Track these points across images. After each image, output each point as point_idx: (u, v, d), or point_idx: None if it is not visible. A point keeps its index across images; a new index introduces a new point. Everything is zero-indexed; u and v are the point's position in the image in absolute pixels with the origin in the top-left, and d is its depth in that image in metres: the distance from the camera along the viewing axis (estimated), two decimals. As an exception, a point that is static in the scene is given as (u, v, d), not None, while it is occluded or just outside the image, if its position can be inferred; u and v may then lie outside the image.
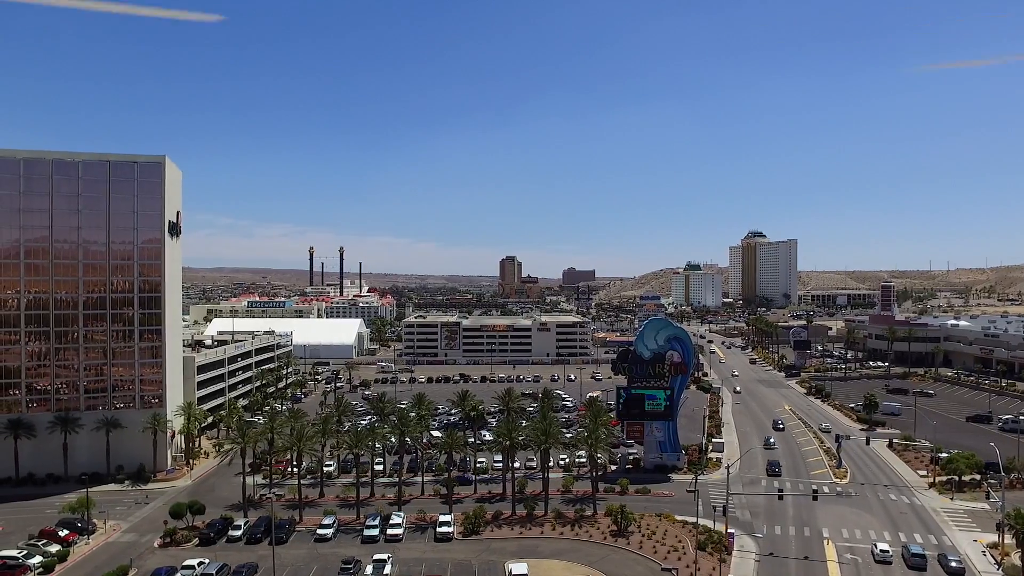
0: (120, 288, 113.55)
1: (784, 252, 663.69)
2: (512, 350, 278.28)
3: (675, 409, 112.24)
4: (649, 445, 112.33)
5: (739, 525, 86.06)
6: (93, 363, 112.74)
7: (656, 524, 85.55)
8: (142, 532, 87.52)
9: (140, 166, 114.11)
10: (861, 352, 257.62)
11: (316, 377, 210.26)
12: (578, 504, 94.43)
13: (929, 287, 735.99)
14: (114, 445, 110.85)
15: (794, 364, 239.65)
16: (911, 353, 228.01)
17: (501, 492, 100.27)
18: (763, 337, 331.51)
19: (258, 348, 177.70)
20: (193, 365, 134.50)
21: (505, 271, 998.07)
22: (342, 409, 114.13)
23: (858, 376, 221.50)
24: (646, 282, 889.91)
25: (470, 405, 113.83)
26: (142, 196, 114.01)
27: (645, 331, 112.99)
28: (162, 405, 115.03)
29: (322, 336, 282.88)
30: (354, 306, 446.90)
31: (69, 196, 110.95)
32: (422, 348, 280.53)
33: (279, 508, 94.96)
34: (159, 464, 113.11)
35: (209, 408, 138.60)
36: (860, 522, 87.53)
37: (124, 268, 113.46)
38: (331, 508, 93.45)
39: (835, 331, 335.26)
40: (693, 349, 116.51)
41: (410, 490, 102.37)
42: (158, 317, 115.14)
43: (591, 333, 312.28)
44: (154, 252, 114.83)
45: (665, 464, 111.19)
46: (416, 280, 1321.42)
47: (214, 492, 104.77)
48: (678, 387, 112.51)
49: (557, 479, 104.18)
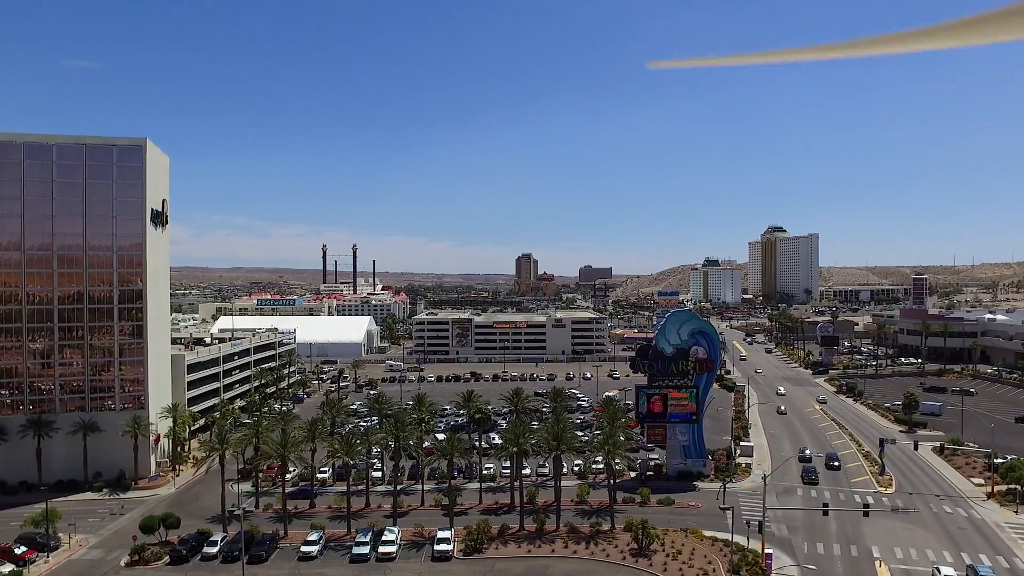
0: (98, 280, 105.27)
1: (805, 247, 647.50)
2: (526, 348, 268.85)
3: (701, 410, 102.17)
4: (672, 450, 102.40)
5: (776, 542, 76.11)
6: (69, 361, 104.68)
7: (682, 541, 75.81)
8: (111, 548, 79.09)
9: (119, 150, 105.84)
10: (891, 348, 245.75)
11: (321, 376, 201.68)
12: (594, 517, 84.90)
13: (954, 282, 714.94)
14: (92, 450, 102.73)
15: (821, 361, 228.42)
16: (946, 349, 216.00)
17: (509, 502, 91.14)
18: (787, 333, 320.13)
19: (258, 346, 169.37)
20: (183, 364, 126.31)
21: (521, 269, 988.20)
22: (336, 411, 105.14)
23: (890, 373, 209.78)
24: (663, 279, 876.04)
25: (475, 406, 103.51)
26: (121, 182, 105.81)
27: (667, 325, 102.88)
28: (144, 407, 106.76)
29: (330, 334, 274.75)
30: (366, 304, 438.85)
31: (43, 182, 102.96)
32: (433, 346, 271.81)
33: (264, 521, 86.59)
34: (141, 470, 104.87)
35: (201, 410, 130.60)
36: (914, 540, 76.85)
37: (102, 259, 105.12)
38: (320, 521, 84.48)
39: (861, 327, 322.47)
40: (720, 344, 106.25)
41: (410, 500, 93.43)
42: (139, 312, 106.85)
43: (608, 330, 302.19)
44: (135, 242, 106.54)
45: (690, 471, 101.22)
46: (432, 279, 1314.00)
47: (198, 501, 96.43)
48: (703, 386, 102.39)
49: (571, 487, 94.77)
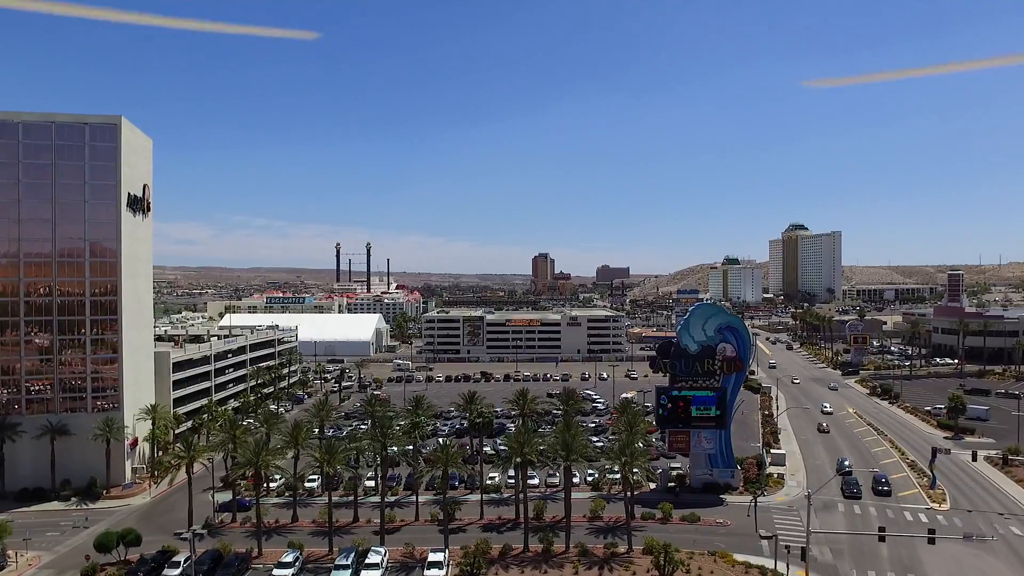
0: (68, 271, 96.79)
1: (828, 245, 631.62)
2: (540, 347, 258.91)
3: (728, 415, 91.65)
4: (696, 458, 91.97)
5: (819, 569, 65.74)
6: (37, 358, 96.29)
7: (711, 567, 65.66)
8: (63, 568, 70.37)
9: (92, 128, 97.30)
10: (924, 348, 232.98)
11: (324, 375, 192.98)
12: (609, 535, 74.94)
13: (981, 281, 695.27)
14: (61, 455, 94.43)
15: (851, 361, 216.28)
16: (985, 349, 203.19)
17: (514, 517, 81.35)
18: (812, 332, 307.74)
19: (255, 343, 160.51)
20: (168, 362, 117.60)
21: (538, 268, 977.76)
22: (325, 413, 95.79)
23: (925, 374, 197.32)
24: (682, 278, 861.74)
25: (477, 409, 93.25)
26: (94, 164, 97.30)
27: (691, 319, 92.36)
28: (118, 408, 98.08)
29: (338, 332, 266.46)
30: (378, 302, 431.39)
31: (8, 164, 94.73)
32: (443, 345, 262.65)
33: (240, 536, 77.54)
34: (114, 478, 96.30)
35: (190, 411, 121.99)
36: (985, 568, 65.95)
37: (72, 249, 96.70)
38: (300, 539, 74.82)
39: (890, 326, 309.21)
40: (750, 342, 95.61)
41: (403, 513, 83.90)
42: (113, 304, 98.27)
43: (625, 328, 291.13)
44: (108, 228, 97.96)
45: (716, 482, 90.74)
46: (450, 279, 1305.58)
47: (173, 513, 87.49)
48: (732, 388, 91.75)
49: (583, 500, 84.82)
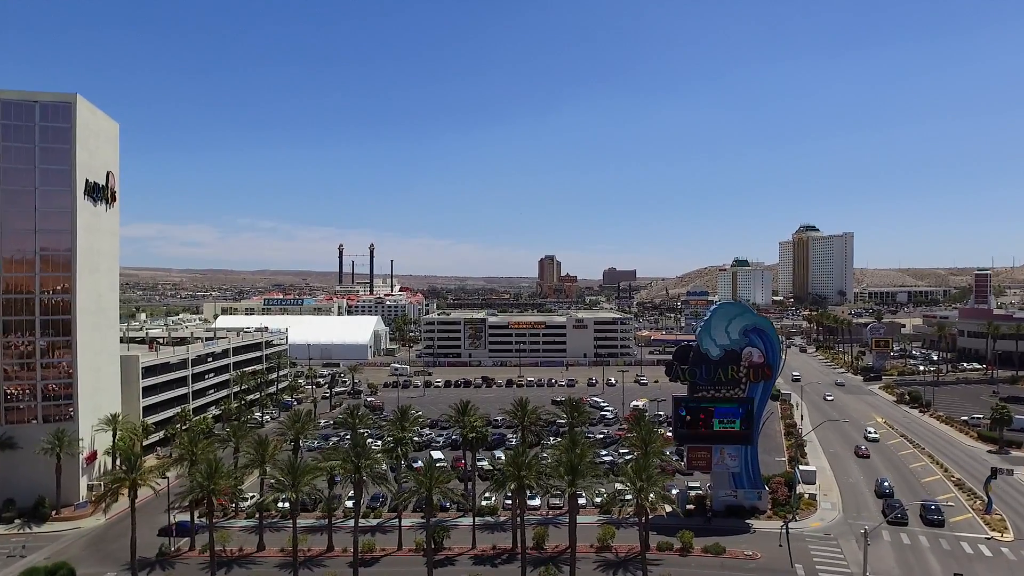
0: (15, 266, 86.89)
1: (839, 247, 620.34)
2: (544, 350, 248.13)
3: (756, 428, 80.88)
4: (719, 477, 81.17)
5: (872, 616, 55.14)
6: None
7: (742, 615, 55.10)
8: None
9: (43, 107, 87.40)
10: (949, 352, 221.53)
11: (317, 381, 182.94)
12: (619, 571, 64.45)
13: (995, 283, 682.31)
14: (5, 471, 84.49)
15: (872, 366, 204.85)
16: (1017, 353, 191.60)
17: (511, 547, 70.89)
18: (828, 335, 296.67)
19: (240, 346, 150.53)
20: (136, 366, 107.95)
21: (544, 271, 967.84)
22: (299, 426, 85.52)
23: (954, 380, 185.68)
24: (689, 280, 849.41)
25: (470, 422, 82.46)
26: (45, 146, 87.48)
27: (713, 320, 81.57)
28: (72, 418, 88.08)
29: (334, 335, 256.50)
30: (380, 304, 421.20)
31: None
32: (444, 348, 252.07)
33: (196, 569, 67.58)
34: (66, 496, 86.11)
35: (159, 421, 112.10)
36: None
37: (20, 238, 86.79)
38: (263, 572, 64.85)
39: (910, 328, 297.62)
40: (780, 345, 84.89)
41: (384, 540, 73.55)
42: (67, 303, 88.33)
43: (633, 331, 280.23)
44: (61, 217, 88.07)
45: (741, 504, 79.96)
46: (456, 281, 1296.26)
47: (126, 538, 77.12)
48: (759, 398, 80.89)
49: (590, 526, 74.27)
